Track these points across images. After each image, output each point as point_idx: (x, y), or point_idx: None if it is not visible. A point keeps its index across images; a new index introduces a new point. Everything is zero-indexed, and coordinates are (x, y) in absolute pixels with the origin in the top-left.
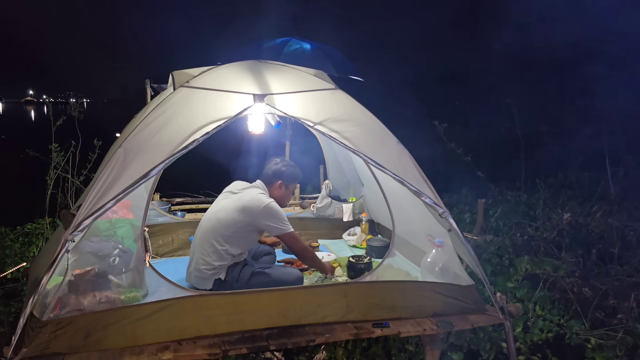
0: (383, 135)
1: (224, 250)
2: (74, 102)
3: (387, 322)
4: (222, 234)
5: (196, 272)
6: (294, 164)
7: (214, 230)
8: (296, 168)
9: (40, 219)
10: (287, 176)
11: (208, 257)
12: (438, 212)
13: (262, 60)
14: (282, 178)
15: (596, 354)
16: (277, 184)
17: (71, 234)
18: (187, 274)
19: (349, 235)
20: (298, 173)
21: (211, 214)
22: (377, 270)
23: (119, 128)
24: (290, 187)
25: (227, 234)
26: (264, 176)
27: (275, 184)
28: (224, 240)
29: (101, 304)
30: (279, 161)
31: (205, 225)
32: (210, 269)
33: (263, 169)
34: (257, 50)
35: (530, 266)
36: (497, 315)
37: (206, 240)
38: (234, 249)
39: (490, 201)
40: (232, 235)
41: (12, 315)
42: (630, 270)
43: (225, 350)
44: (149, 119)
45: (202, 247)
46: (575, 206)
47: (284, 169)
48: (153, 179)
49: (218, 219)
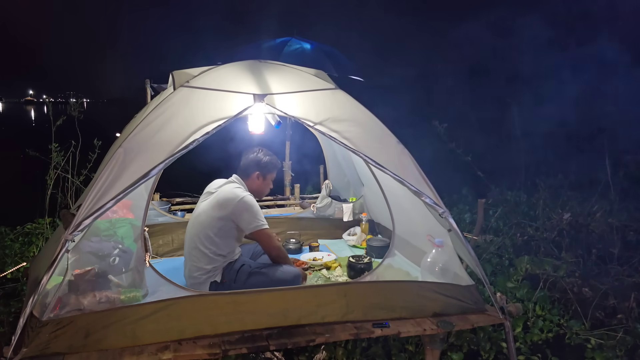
0: (383, 135)
1: (211, 252)
2: (74, 102)
3: (387, 322)
4: (206, 236)
5: (191, 279)
6: (271, 153)
7: (197, 234)
8: (273, 157)
9: (40, 219)
10: (264, 166)
11: (199, 263)
12: (438, 212)
13: (262, 60)
14: (259, 168)
15: (596, 354)
16: (255, 175)
17: (71, 233)
18: (185, 278)
19: (349, 235)
20: (276, 162)
21: (193, 218)
22: (377, 270)
23: (119, 128)
24: (268, 177)
25: (210, 235)
26: (240, 169)
27: (253, 175)
28: (209, 243)
29: (101, 304)
30: (256, 150)
31: (190, 231)
32: (204, 274)
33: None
34: (257, 50)
35: (530, 266)
36: (497, 315)
37: (193, 247)
38: (221, 249)
39: (490, 201)
40: (215, 235)
41: (12, 315)
42: (630, 270)
43: (225, 350)
44: (149, 118)
45: (191, 254)
46: (575, 206)
47: (260, 158)
48: (153, 178)
49: (200, 223)
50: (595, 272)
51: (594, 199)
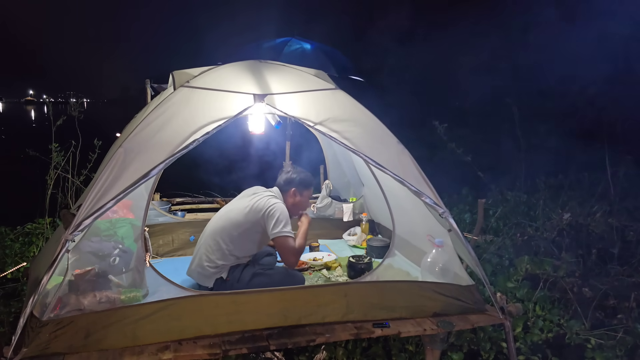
0: (383, 135)
1: (228, 250)
2: (74, 102)
3: (387, 322)
4: (229, 233)
5: (199, 269)
6: (304, 171)
7: (223, 228)
8: (307, 174)
9: (40, 219)
10: (299, 183)
11: (212, 255)
12: (438, 212)
13: (262, 60)
14: (294, 185)
15: (596, 354)
16: (291, 192)
17: (71, 233)
18: (190, 270)
19: (349, 235)
20: (310, 179)
21: (223, 212)
22: (377, 270)
23: (119, 128)
24: (304, 193)
25: (234, 234)
26: (278, 184)
27: (289, 192)
28: (230, 240)
29: (101, 304)
30: (290, 169)
31: (216, 223)
32: (213, 267)
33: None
34: (257, 50)
35: (530, 266)
36: (497, 315)
37: (213, 238)
38: (238, 251)
39: (490, 201)
40: (238, 236)
41: (12, 315)
42: (630, 270)
43: (226, 350)
44: (149, 118)
45: (208, 244)
46: (575, 206)
47: (294, 176)
48: (153, 178)
49: (228, 218)
50: (595, 272)
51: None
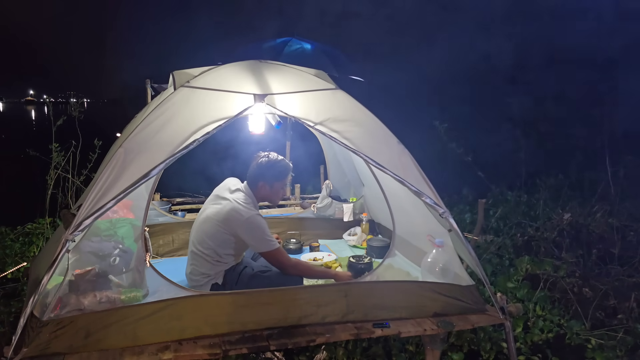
0: (384, 135)
1: (212, 260)
2: (74, 102)
3: (387, 322)
4: (208, 246)
5: (192, 281)
6: (277, 159)
7: (202, 242)
8: (279, 164)
9: (40, 219)
10: (270, 176)
11: (202, 268)
12: (438, 212)
13: (262, 60)
14: (264, 179)
15: (596, 354)
16: (260, 185)
17: (71, 233)
18: (186, 274)
19: (350, 235)
20: (280, 168)
21: (198, 223)
22: (377, 270)
23: (119, 128)
24: (275, 185)
25: (211, 245)
26: (248, 177)
27: (259, 185)
28: (210, 252)
29: (101, 304)
30: (261, 159)
31: (194, 236)
32: (205, 277)
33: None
34: (258, 50)
35: (531, 266)
36: (498, 315)
37: (196, 252)
38: (225, 257)
39: (491, 201)
40: (220, 245)
41: (12, 315)
42: (631, 270)
43: (226, 350)
44: (149, 118)
45: (194, 259)
46: (575, 206)
47: (263, 166)
48: (153, 178)
49: (204, 231)
50: (596, 272)
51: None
